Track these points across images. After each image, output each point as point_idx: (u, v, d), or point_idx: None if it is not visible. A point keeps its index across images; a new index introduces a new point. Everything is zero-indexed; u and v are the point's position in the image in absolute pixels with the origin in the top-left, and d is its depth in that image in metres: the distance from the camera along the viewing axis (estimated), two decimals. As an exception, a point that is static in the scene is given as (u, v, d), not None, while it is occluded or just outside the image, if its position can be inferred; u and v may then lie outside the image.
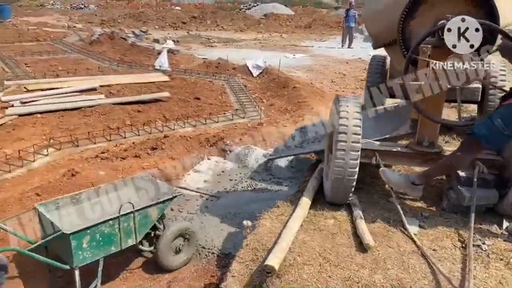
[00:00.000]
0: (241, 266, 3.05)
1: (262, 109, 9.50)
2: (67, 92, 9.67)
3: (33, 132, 7.48)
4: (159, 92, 10.05)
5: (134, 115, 8.64)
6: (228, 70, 12.64)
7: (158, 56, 13.96)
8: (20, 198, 5.16)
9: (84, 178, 5.38)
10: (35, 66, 12.55)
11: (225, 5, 35.79)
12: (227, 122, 8.59)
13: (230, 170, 6.70)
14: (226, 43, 19.40)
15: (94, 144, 7.17)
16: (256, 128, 8.16)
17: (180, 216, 5.34)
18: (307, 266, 2.92)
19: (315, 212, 3.60)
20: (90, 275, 3.62)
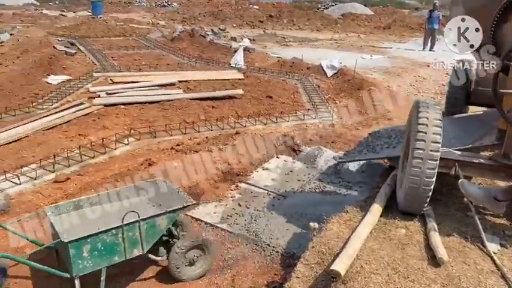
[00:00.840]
0: (306, 268, 3.03)
1: (334, 110, 9.35)
2: (148, 85, 10.14)
3: (116, 122, 7.92)
4: (233, 90, 10.22)
5: (208, 110, 8.88)
6: (302, 70, 12.55)
7: (234, 54, 14.20)
8: (102, 183, 5.50)
9: (159, 168, 5.61)
10: (121, 60, 13.27)
11: (303, 4, 35.58)
12: (298, 122, 8.55)
13: (298, 170, 6.69)
14: (301, 42, 19.31)
15: (170, 136, 7.47)
16: (327, 129, 8.05)
17: (247, 212, 5.42)
18: (374, 275, 2.83)
19: (385, 220, 3.47)
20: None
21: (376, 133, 6.24)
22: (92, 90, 9.57)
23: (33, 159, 6.22)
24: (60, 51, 13.05)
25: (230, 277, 4.24)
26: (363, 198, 4.57)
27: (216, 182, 6.02)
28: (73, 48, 14.29)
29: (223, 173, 6.18)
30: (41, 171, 5.89)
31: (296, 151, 7.20)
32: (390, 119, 8.93)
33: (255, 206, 5.59)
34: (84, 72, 11.35)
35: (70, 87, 9.89)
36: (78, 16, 23.50)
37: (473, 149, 4.03)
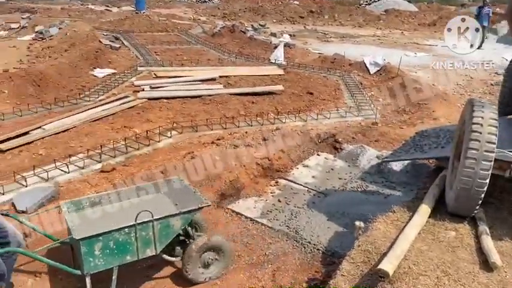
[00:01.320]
0: (351, 266, 3.00)
1: (378, 108, 9.19)
2: (190, 80, 10.31)
3: (159, 115, 8.10)
4: (273, 85, 10.23)
5: (248, 106, 8.93)
6: (343, 66, 12.39)
7: (274, 49, 14.19)
8: (147, 174, 5.62)
9: (201, 161, 5.69)
10: (163, 55, 13.55)
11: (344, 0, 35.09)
12: (339, 119, 8.45)
13: (340, 168, 6.62)
14: (343, 38, 19.05)
15: (211, 130, 7.56)
16: (370, 128, 7.92)
17: (287, 208, 5.42)
18: (422, 277, 2.76)
19: (434, 222, 3.39)
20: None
21: (423, 132, 6.07)
22: (136, 84, 9.83)
23: (81, 149, 6.47)
24: (105, 45, 13.46)
25: (271, 272, 4.26)
26: (406, 199, 4.48)
27: (256, 177, 6.05)
28: (117, 42, 14.70)
29: (263, 169, 6.20)
30: (88, 161, 6.10)
31: (337, 149, 7.13)
32: (436, 118, 8.68)
33: (295, 202, 5.59)
34: (129, 66, 11.67)
35: (115, 81, 10.20)
36: (122, 11, 24.14)
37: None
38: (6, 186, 5.28)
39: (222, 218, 5.20)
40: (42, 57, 11.98)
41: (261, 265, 4.37)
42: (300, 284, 4.10)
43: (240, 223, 5.12)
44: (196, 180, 5.35)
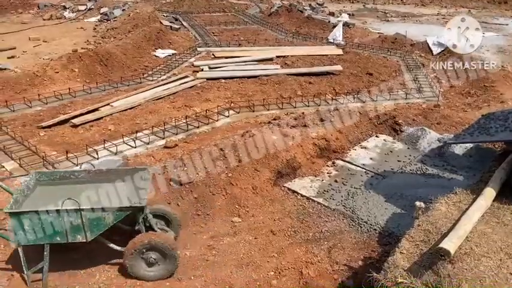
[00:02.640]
0: (410, 244, 3.02)
1: (440, 90, 8.88)
2: (247, 60, 10.43)
3: (217, 95, 8.30)
4: (331, 66, 10.15)
5: (305, 86, 8.92)
6: (405, 46, 12.05)
7: (333, 29, 13.98)
8: (205, 151, 5.80)
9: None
10: (221, 35, 13.74)
11: (407, -24, 33.53)
12: (400, 101, 8.28)
13: (399, 150, 6.53)
14: (404, 18, 18.38)
15: (267, 110, 7.66)
16: (432, 110, 7.68)
17: (344, 189, 5.46)
18: (485, 258, 2.75)
19: (499, 205, 3.32)
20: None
21: (489, 115, 5.82)
22: (195, 65, 10.08)
23: (146, 126, 6.78)
24: (165, 26, 13.82)
25: (327, 248, 4.35)
26: (469, 183, 4.38)
27: (313, 157, 6.08)
28: (177, 23, 15.06)
29: (320, 149, 6.22)
30: (152, 137, 6.41)
31: (397, 131, 6.99)
32: (504, 101, 8.26)
33: (352, 183, 5.61)
34: (188, 47, 11.96)
35: (175, 61, 10.52)
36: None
37: None
38: (80, 158, 5.65)
39: (278, 195, 5.33)
40: (107, 38, 12.52)
41: (317, 241, 4.47)
42: (355, 261, 4.18)
43: (296, 201, 5.23)
44: (254, 159, 5.50)
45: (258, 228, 4.65)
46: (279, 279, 3.93)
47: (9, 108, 7.30)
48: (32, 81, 8.55)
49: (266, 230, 4.61)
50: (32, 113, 7.27)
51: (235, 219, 4.84)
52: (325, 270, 4.05)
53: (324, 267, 4.10)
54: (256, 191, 5.20)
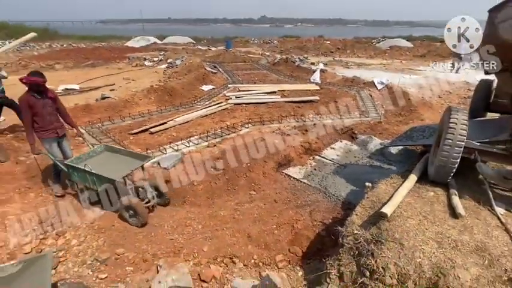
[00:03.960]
0: (362, 209, 3.03)
1: (382, 112, 8.81)
2: (259, 92, 10.44)
3: (241, 114, 8.32)
4: (312, 96, 10.10)
5: (296, 109, 8.88)
6: (359, 84, 11.90)
7: (313, 73, 13.90)
8: (233, 149, 5.85)
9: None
10: (243, 77, 13.76)
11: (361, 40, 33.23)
12: (356, 119, 8.19)
13: (355, 150, 6.51)
14: (359, 66, 18.14)
15: (272, 124, 7.61)
16: (376, 125, 7.62)
17: (320, 174, 5.43)
18: (410, 219, 2.75)
19: (419, 185, 3.31)
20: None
21: (413, 128, 5.81)
22: (227, 95, 10.11)
23: (195, 133, 6.81)
24: (208, 70, 13.89)
25: (309, 211, 4.35)
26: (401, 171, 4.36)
27: (301, 154, 6.10)
28: (215, 69, 15.12)
29: (305, 149, 6.23)
30: (200, 140, 6.45)
31: (354, 138, 6.98)
32: (422, 119, 8.17)
33: (325, 170, 5.62)
34: (222, 84, 12.00)
35: (214, 93, 10.55)
36: (217, 49, 24.65)
37: (490, 142, 3.61)
38: (155, 154, 5.75)
39: (279, 177, 5.34)
40: (172, 78, 12.58)
41: (302, 207, 4.48)
42: (327, 220, 4.18)
43: (290, 181, 5.25)
44: (265, 155, 5.53)
45: (266, 198, 4.67)
46: (279, 230, 3.94)
47: (111, 122, 7.41)
48: (125, 105, 8.65)
49: (271, 199, 4.62)
50: (124, 125, 7.36)
51: (252, 193, 4.86)
52: (308, 225, 4.06)
53: (307, 223, 4.10)
54: (265, 175, 5.22)
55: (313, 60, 19.01)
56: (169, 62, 16.26)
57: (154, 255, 3.44)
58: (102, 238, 3.63)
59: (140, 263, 3.34)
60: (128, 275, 3.19)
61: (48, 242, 3.61)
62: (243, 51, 23.92)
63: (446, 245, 2.47)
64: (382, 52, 24.56)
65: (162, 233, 3.82)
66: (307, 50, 25.24)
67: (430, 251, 2.46)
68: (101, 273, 3.19)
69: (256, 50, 26.84)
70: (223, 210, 4.36)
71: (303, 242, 3.78)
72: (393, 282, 2.41)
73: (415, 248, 2.49)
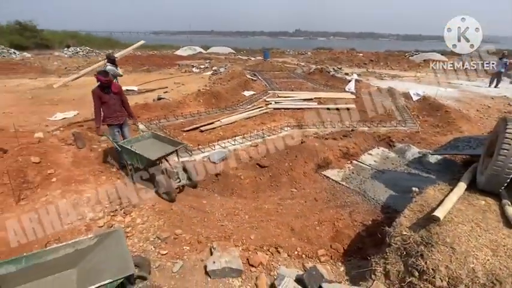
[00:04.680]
0: (410, 212, 2.91)
1: (419, 123, 8.37)
2: (296, 99, 10.41)
3: (280, 118, 8.34)
4: (348, 104, 9.87)
5: (333, 116, 8.76)
6: (394, 94, 11.43)
7: (348, 83, 13.59)
8: (275, 149, 5.88)
9: (307, 145, 5.80)
10: (280, 84, 13.81)
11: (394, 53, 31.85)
12: (392, 128, 7.86)
13: (392, 157, 6.25)
14: (393, 78, 17.46)
15: (310, 128, 7.58)
16: (414, 134, 7.25)
17: (358, 177, 5.29)
18: (461, 225, 2.60)
19: (469, 193, 3.10)
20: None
21: (457, 139, 5.45)
22: (267, 100, 10.19)
23: (240, 133, 6.93)
24: (249, 78, 14.12)
25: (348, 212, 4.27)
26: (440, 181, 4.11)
27: (339, 158, 5.98)
28: (255, 77, 15.33)
29: (343, 153, 6.09)
30: (243, 140, 6.57)
31: (391, 145, 6.70)
32: (461, 131, 7.62)
33: (363, 175, 5.46)
34: (261, 90, 12.11)
35: (255, 98, 10.68)
36: (256, 59, 24.97)
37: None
38: (205, 149, 5.96)
39: (318, 178, 5.28)
40: (216, 84, 12.92)
41: (342, 207, 4.40)
42: (367, 221, 4.06)
43: (328, 182, 5.17)
44: (305, 156, 5.50)
45: (306, 196, 4.65)
46: (320, 227, 3.91)
47: (166, 120, 7.78)
48: (177, 105, 9.03)
49: (311, 198, 4.59)
50: (177, 123, 7.68)
51: (293, 190, 4.86)
52: (348, 224, 3.98)
53: (348, 223, 4.02)
54: (305, 175, 5.19)
55: (347, 71, 18.58)
56: (214, 69, 16.76)
57: (207, 238, 3.56)
58: (163, 219, 3.83)
59: (195, 244, 3.48)
60: (185, 254, 3.33)
61: (117, 219, 3.88)
62: (280, 61, 23.98)
63: (502, 253, 2.30)
64: (416, 65, 23.37)
65: (213, 219, 3.95)
66: (340, 62, 24.75)
67: (484, 257, 2.30)
68: (162, 250, 3.37)
69: (291, 60, 26.78)
70: (268, 204, 4.40)
71: (344, 239, 3.71)
72: (443, 285, 2.29)
73: (468, 253, 2.35)
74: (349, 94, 11.71)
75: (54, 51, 26.88)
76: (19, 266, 2.31)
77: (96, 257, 2.55)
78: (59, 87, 9.94)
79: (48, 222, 3.64)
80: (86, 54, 25.63)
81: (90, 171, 4.82)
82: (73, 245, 2.52)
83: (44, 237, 3.43)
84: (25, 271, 2.32)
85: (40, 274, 2.41)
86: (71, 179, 4.41)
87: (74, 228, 3.62)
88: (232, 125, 7.64)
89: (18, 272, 2.29)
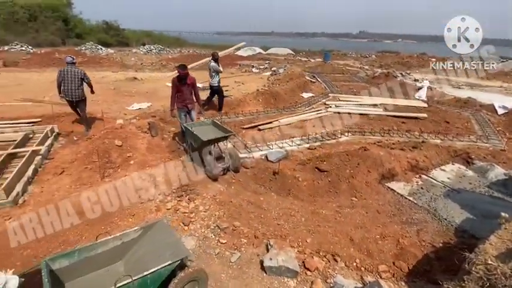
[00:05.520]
0: (498, 240, 2.55)
1: (505, 140, 7.27)
2: (359, 104, 9.94)
3: (340, 123, 8.03)
4: (419, 113, 9.06)
5: (400, 124, 8.13)
6: (474, 106, 10.13)
7: (418, 90, 12.50)
8: (334, 154, 5.71)
9: (372, 153, 5.49)
10: (341, 87, 13.33)
11: (475, 58, 28.17)
12: (471, 143, 6.98)
13: (470, 176, 5.57)
14: (472, 87, 15.48)
15: (373, 136, 7.17)
16: (499, 153, 6.34)
17: (428, 194, 4.84)
18: None
19: None
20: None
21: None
22: (327, 103, 9.94)
23: (297, 135, 6.90)
24: (308, 79, 13.93)
25: (416, 230, 3.94)
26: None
27: (406, 170, 5.55)
28: (314, 78, 15.07)
29: (411, 166, 5.64)
30: (301, 141, 6.54)
31: (469, 163, 5.96)
32: None
33: (434, 192, 4.97)
34: (320, 92, 11.85)
35: (313, 100, 10.50)
36: (316, 61, 24.51)
37: None
38: (263, 148, 6.07)
39: (381, 189, 4.98)
40: (275, 84, 12.98)
41: (409, 224, 4.08)
42: (437, 243, 3.70)
43: (393, 195, 4.84)
44: (368, 165, 5.22)
45: (368, 207, 4.42)
46: (383, 241, 3.67)
47: (227, 117, 8.14)
48: (238, 104, 9.32)
49: (373, 209, 4.35)
50: (238, 120, 7.96)
51: (353, 199, 4.66)
52: (414, 243, 3.67)
53: (414, 241, 3.71)
54: (368, 184, 4.93)
55: (417, 77, 17.05)
56: (273, 69, 16.91)
57: (264, 234, 3.63)
58: (223, 210, 4.02)
59: (252, 238, 3.58)
60: (243, 246, 3.45)
61: (183, 204, 4.19)
62: (341, 63, 23.15)
63: None
64: (503, 74, 20.27)
65: (270, 216, 4.01)
66: (409, 66, 22.82)
67: None
68: (222, 239, 3.54)
69: (353, 63, 25.64)
70: (325, 210, 4.30)
71: (409, 258, 3.43)
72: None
73: None
74: (420, 102, 10.76)
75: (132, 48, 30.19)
76: (72, 260, 2.31)
77: (141, 248, 2.60)
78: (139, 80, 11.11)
79: (126, 199, 4.13)
80: (158, 51, 28.20)
81: (161, 157, 5.30)
82: (120, 237, 2.57)
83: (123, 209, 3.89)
84: (78, 265, 2.33)
85: (91, 267, 2.43)
86: (145, 163, 4.92)
87: (146, 208, 4.03)
88: (290, 126, 7.63)
89: (71, 265, 2.29)
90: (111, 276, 2.42)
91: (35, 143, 5.55)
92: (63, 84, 6.16)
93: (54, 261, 2.23)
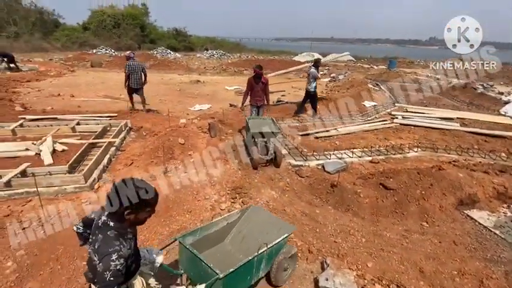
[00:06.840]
0: None
1: None
2: (431, 117, 8.94)
3: (408, 136, 7.36)
4: (506, 132, 7.74)
5: (481, 143, 7.06)
6: None
7: (504, 104, 10.76)
8: (402, 171, 5.12)
9: (448, 174, 4.82)
10: (408, 98, 12.16)
11: None
12: None
13: None
14: None
15: (448, 154, 6.35)
16: None
17: None
18: None
19: None
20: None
21: None
22: (393, 114, 9.20)
23: (358, 146, 6.48)
24: (370, 87, 13.10)
25: (504, 271, 3.28)
26: None
27: (491, 197, 4.71)
28: (377, 87, 14.11)
29: (498, 193, 4.78)
30: (362, 154, 6.09)
31: None
32: None
33: None
34: (385, 102, 11.01)
35: (377, 109, 9.82)
36: (379, 68, 23.00)
37: None
38: (320, 157, 5.81)
39: (458, 217, 4.29)
40: (334, 91, 12.62)
41: (495, 262, 3.42)
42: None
43: (474, 226, 4.13)
44: (443, 187, 4.58)
45: (441, 236, 3.84)
46: (461, 279, 3.13)
47: (282, 121, 8.04)
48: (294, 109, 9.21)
49: (449, 240, 3.76)
50: (293, 126, 7.83)
51: (423, 224, 4.10)
52: (503, 287, 3.04)
53: (502, 285, 3.08)
54: (442, 209, 4.30)
55: (502, 90, 14.74)
56: (332, 76, 16.36)
57: (318, 251, 3.40)
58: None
59: (306, 253, 3.37)
60: (296, 260, 3.27)
61: (236, 206, 4.19)
62: (407, 72, 21.25)
63: None
64: None
65: (326, 232, 3.76)
66: (493, 77, 19.84)
67: None
68: (274, 249, 3.41)
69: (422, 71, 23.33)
70: (389, 232, 3.87)
71: (497, 306, 2.85)
72: None
73: None
74: (507, 118, 9.22)
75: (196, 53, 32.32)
76: (195, 238, 2.57)
77: (243, 229, 2.94)
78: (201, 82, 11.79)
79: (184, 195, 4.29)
80: (219, 56, 29.67)
81: (218, 158, 5.43)
82: (226, 218, 2.89)
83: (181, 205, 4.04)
84: (198, 243, 2.55)
85: (206, 246, 2.67)
86: (203, 162, 5.07)
87: (201, 206, 4.12)
88: (349, 136, 7.23)
89: (194, 243, 2.51)
90: (222, 254, 2.73)
91: (111, 135, 6.19)
92: (132, 75, 7.56)
93: (184, 238, 2.46)
